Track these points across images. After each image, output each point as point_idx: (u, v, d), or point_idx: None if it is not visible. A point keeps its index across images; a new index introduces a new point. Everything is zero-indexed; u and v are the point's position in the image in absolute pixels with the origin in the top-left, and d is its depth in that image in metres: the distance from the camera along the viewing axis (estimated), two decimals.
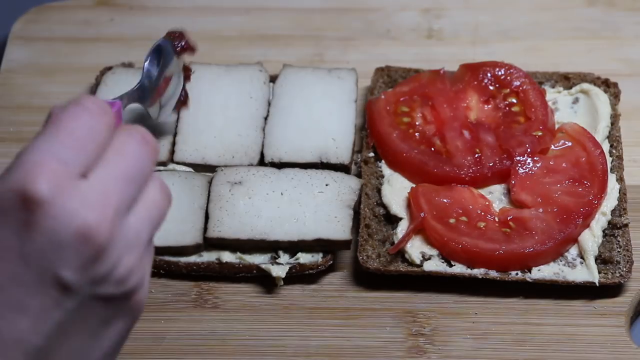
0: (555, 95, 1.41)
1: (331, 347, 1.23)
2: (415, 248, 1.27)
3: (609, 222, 1.29)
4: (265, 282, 1.28)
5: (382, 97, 1.40)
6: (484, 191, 1.32)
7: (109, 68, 1.46)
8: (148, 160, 0.92)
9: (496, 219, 1.28)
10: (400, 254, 1.27)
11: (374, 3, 1.59)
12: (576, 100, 1.40)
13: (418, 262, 1.26)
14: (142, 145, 0.92)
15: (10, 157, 1.46)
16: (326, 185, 1.31)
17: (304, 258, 1.27)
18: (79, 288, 0.87)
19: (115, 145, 0.91)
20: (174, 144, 1.37)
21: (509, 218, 1.28)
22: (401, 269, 1.26)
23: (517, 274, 1.25)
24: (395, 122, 1.37)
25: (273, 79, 1.43)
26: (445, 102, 1.38)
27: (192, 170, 1.35)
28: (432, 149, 1.34)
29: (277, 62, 1.48)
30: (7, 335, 0.86)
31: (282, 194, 1.30)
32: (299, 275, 1.28)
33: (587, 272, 1.25)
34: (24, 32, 1.56)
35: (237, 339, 1.24)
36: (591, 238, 1.27)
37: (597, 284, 1.24)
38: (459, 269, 1.25)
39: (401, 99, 1.40)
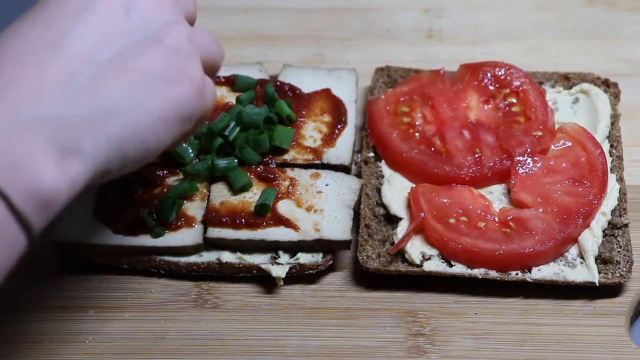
0: (555, 95, 1.41)
1: (331, 347, 1.23)
2: (415, 248, 1.27)
3: (609, 222, 1.29)
4: (265, 282, 1.28)
5: (382, 97, 1.40)
6: (484, 191, 1.32)
7: None
8: None
9: (496, 219, 1.28)
10: (400, 254, 1.27)
11: (374, 3, 1.59)
12: (576, 100, 1.40)
13: (418, 262, 1.26)
14: None
15: None
16: (326, 185, 1.31)
17: (304, 258, 1.27)
18: (145, 25, 1.02)
19: None
20: None
21: (509, 218, 1.28)
22: (401, 269, 1.26)
23: (517, 274, 1.25)
24: (395, 122, 1.37)
25: (273, 79, 1.43)
26: (445, 102, 1.38)
27: None
28: (432, 149, 1.34)
29: (277, 62, 1.48)
30: (75, 43, 0.98)
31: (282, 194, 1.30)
32: (299, 275, 1.28)
33: (587, 272, 1.25)
34: None
35: (237, 339, 1.24)
36: (591, 238, 1.27)
37: (597, 284, 1.24)
38: (459, 269, 1.25)
39: (401, 99, 1.40)
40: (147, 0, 1.04)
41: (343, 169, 1.35)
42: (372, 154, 1.37)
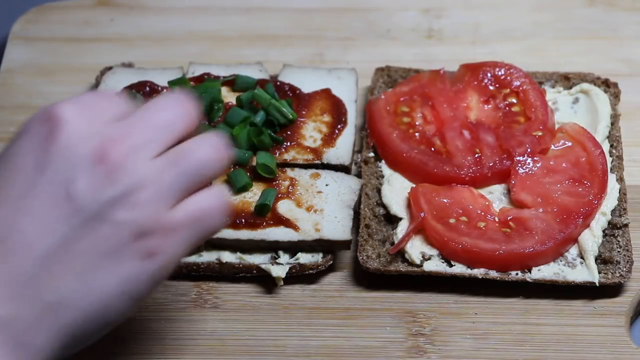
0: (555, 95, 1.41)
1: (331, 347, 1.23)
2: (415, 248, 1.27)
3: (609, 222, 1.29)
4: (265, 282, 1.28)
5: (382, 97, 1.40)
6: (484, 191, 1.32)
7: (109, 68, 1.46)
8: (202, 149, 1.01)
9: (496, 219, 1.28)
10: (400, 254, 1.27)
11: (374, 3, 1.59)
12: (576, 100, 1.40)
13: (418, 262, 1.26)
14: (208, 144, 1.01)
15: None
16: (326, 185, 1.31)
17: (304, 258, 1.27)
18: (88, 204, 0.96)
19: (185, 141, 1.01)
20: None
21: (509, 218, 1.28)
22: (401, 269, 1.26)
23: (517, 274, 1.25)
24: (395, 122, 1.37)
25: (273, 79, 1.43)
26: (445, 102, 1.38)
27: None
28: (432, 149, 1.34)
29: (277, 62, 1.48)
30: (17, 237, 0.96)
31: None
32: (299, 275, 1.28)
33: (587, 272, 1.25)
34: (24, 32, 1.56)
35: (237, 339, 1.24)
36: (591, 238, 1.27)
37: (597, 284, 1.24)
38: (459, 269, 1.25)
39: (401, 99, 1.40)
40: (91, 176, 0.96)
41: (343, 169, 1.35)
42: (372, 154, 1.37)
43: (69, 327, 0.98)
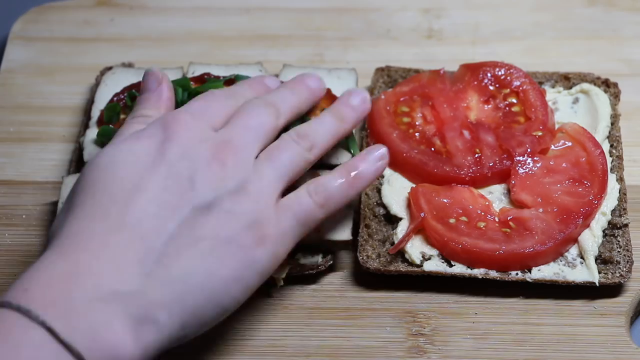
0: (555, 95, 1.41)
1: (331, 347, 1.23)
2: (415, 248, 1.27)
3: (609, 222, 1.29)
4: (265, 282, 1.27)
5: (382, 97, 1.40)
6: (484, 191, 1.32)
7: (109, 68, 1.46)
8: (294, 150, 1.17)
9: (496, 219, 1.28)
10: (400, 254, 1.27)
11: (374, 3, 1.59)
12: (576, 100, 1.41)
13: (418, 262, 1.26)
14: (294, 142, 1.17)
15: (10, 157, 1.47)
16: None
17: (304, 258, 1.27)
18: (207, 194, 1.07)
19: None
20: None
21: (509, 218, 1.28)
22: (401, 269, 1.26)
23: (517, 274, 1.25)
24: (395, 122, 1.37)
25: None
26: (445, 102, 1.38)
27: None
28: (432, 149, 1.34)
29: (277, 62, 1.48)
30: (146, 218, 1.05)
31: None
32: (299, 275, 1.27)
33: (587, 272, 1.25)
34: (24, 32, 1.56)
35: (237, 339, 1.24)
36: (591, 238, 1.27)
37: (597, 284, 1.24)
38: (459, 269, 1.25)
39: (401, 99, 1.40)
40: (208, 172, 1.09)
41: None
42: None
43: (191, 307, 1.05)
